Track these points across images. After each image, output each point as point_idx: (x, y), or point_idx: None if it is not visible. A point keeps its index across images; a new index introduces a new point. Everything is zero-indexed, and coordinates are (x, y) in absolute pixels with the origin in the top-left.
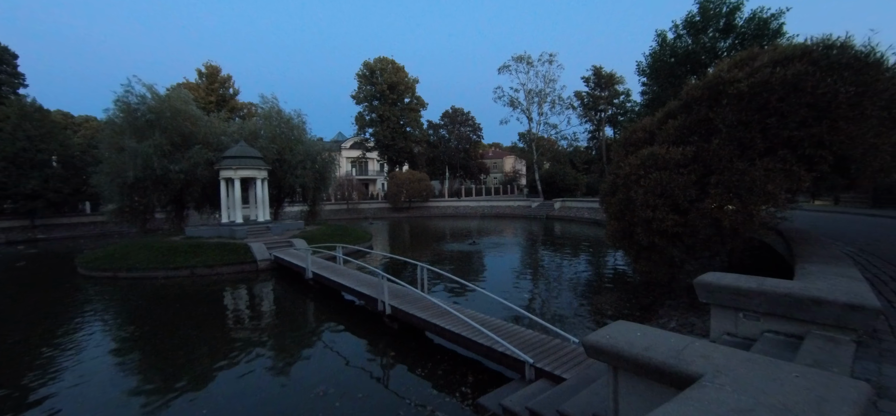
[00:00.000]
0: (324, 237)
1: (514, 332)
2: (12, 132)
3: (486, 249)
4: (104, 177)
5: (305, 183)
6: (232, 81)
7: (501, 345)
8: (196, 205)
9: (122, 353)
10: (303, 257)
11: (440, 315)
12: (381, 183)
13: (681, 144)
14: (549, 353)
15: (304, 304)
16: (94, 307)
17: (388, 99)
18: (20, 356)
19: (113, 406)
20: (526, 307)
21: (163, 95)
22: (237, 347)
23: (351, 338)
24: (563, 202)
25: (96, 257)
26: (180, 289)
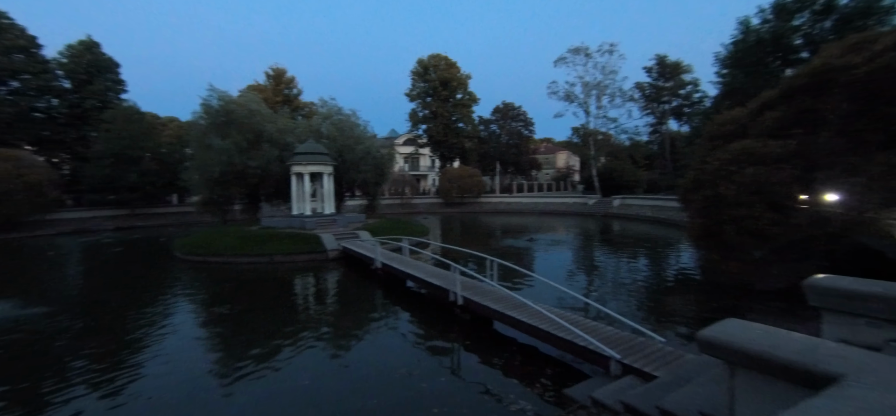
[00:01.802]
0: (385, 230)
1: (594, 327)
2: (118, 133)
3: (544, 246)
4: (193, 172)
5: (366, 178)
6: (296, 82)
7: (583, 339)
8: (268, 198)
9: (214, 328)
10: (370, 247)
11: (515, 308)
12: (433, 179)
13: (780, 138)
14: (636, 350)
15: (374, 292)
16: (191, 287)
17: (441, 95)
18: (127, 326)
19: (200, 377)
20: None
21: (237, 97)
22: (320, 328)
23: (423, 326)
24: (622, 200)
25: (189, 243)
26: (262, 273)
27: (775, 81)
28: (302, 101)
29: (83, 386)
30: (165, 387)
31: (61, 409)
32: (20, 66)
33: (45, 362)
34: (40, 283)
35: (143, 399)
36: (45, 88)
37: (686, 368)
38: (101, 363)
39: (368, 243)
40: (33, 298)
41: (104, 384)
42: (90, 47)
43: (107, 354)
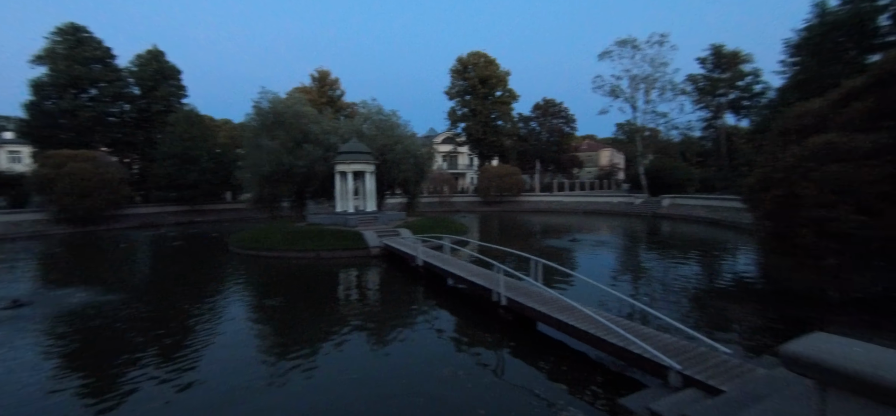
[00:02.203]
0: (425, 228)
1: (649, 334)
2: (179, 135)
3: (587, 246)
4: (246, 171)
5: (407, 177)
6: (339, 83)
7: (638, 346)
8: (313, 195)
9: (267, 318)
10: (410, 245)
11: (563, 310)
12: (471, 177)
13: (869, 131)
14: (698, 361)
15: (415, 289)
16: (245, 279)
17: (480, 93)
18: (190, 313)
19: (254, 365)
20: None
21: (284, 99)
22: (365, 323)
23: (464, 325)
24: (672, 199)
25: (243, 237)
26: (309, 268)
27: (853, 70)
28: (345, 102)
29: (151, 368)
30: (222, 372)
31: (131, 388)
32: (98, 75)
33: (120, 345)
34: (115, 272)
35: (201, 384)
36: (118, 94)
37: (757, 384)
38: (166, 347)
39: (409, 240)
40: (110, 286)
41: (168, 366)
42: (156, 56)
43: (171, 338)
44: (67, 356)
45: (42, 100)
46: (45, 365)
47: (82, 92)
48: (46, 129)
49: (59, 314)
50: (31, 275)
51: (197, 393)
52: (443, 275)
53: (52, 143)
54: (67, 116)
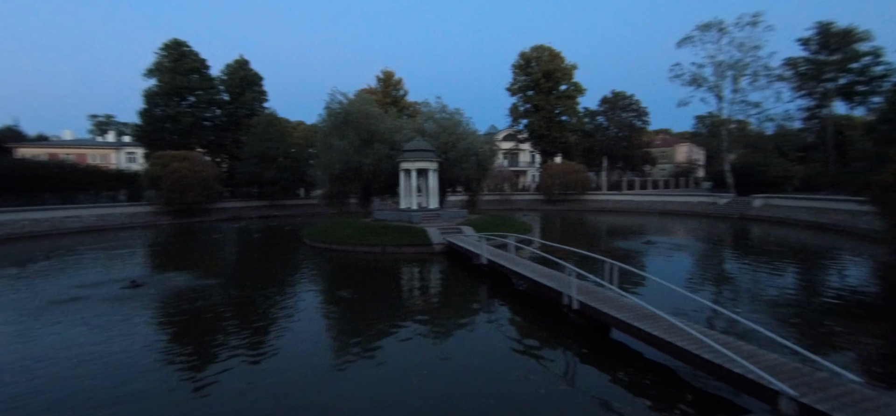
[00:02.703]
0: (488, 226)
1: (752, 352)
2: (261, 136)
3: (663, 250)
4: (318, 169)
5: (469, 174)
6: (403, 83)
7: (740, 365)
8: (379, 192)
9: (338, 309)
10: (474, 243)
11: (645, 319)
12: (532, 174)
13: None
14: (816, 387)
15: (479, 287)
16: (319, 271)
17: (544, 88)
18: (271, 299)
19: (325, 351)
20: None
21: (353, 99)
22: (432, 318)
23: (532, 328)
24: (765, 199)
25: (315, 231)
26: (376, 262)
27: None
28: (407, 101)
29: (238, 348)
30: (298, 356)
31: (220, 367)
32: (195, 84)
33: (214, 325)
34: (210, 260)
35: (278, 366)
36: (211, 100)
37: None
38: (251, 330)
39: (472, 238)
40: (207, 272)
41: (251, 347)
42: (242, 65)
43: (255, 322)
44: (172, 332)
45: (152, 107)
46: (155, 339)
47: (183, 100)
48: (155, 133)
49: (166, 295)
50: (145, 259)
51: (275, 374)
52: (507, 274)
53: (160, 145)
54: (171, 121)
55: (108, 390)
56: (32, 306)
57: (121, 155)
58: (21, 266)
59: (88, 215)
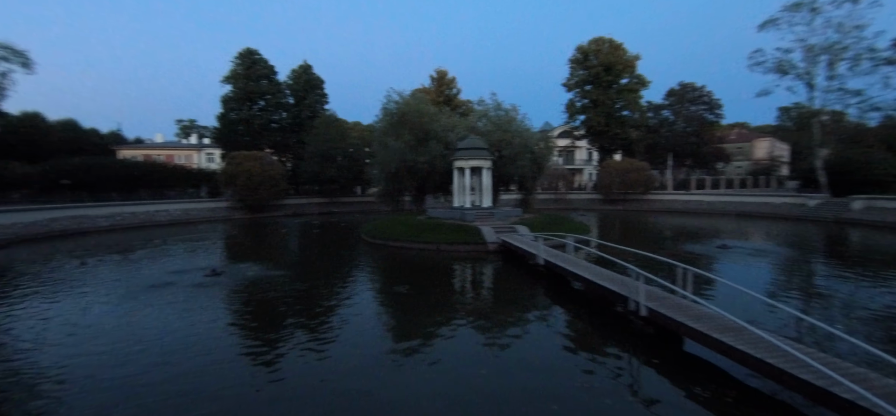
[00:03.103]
0: (543, 226)
1: (861, 375)
2: (322, 137)
3: (742, 256)
4: (375, 168)
5: (523, 172)
6: (455, 82)
7: (847, 389)
8: (433, 190)
9: (395, 304)
10: (530, 242)
11: (727, 330)
12: (589, 173)
13: None
14: None
15: (536, 288)
16: (376, 266)
17: (603, 81)
18: (332, 291)
19: (381, 342)
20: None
21: (409, 99)
22: (486, 316)
23: (592, 333)
24: (868, 201)
25: (372, 228)
26: (430, 259)
27: None
28: (461, 99)
29: (301, 337)
30: (357, 347)
31: (284, 352)
32: (265, 89)
33: (281, 314)
34: (277, 252)
35: (336, 361)
36: (278, 104)
37: None
38: (314, 320)
39: (527, 237)
40: (275, 264)
41: (314, 338)
42: (306, 69)
43: (318, 313)
44: (245, 318)
45: (228, 112)
46: (230, 324)
47: (254, 104)
48: (230, 135)
49: (241, 284)
50: (222, 250)
51: (336, 365)
52: (566, 276)
53: (234, 146)
54: (244, 124)
55: (188, 366)
56: (133, 288)
57: (202, 156)
58: (123, 254)
59: (175, 209)
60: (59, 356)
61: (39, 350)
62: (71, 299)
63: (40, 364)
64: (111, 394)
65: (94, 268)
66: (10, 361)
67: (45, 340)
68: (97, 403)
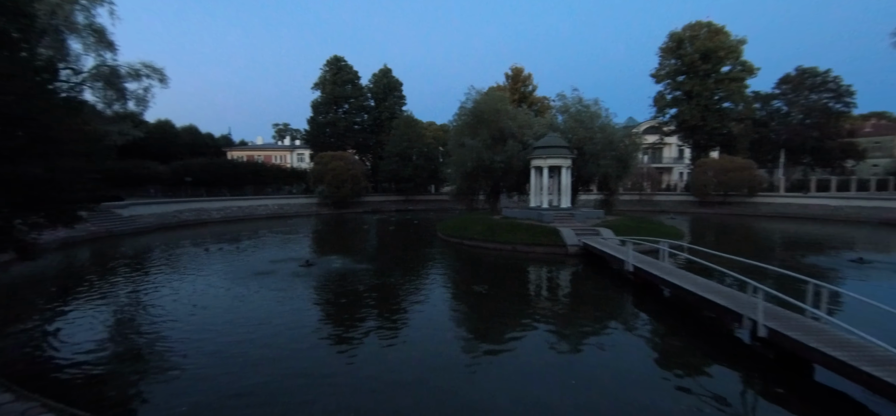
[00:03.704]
0: (629, 229)
1: None
2: (399, 137)
3: (889, 273)
4: (452, 167)
5: (606, 172)
6: (531, 79)
7: None
8: (508, 190)
9: (473, 303)
10: (616, 246)
11: (876, 363)
12: (679, 172)
13: None
14: None
15: (624, 297)
16: (453, 264)
17: (699, 71)
18: (410, 285)
19: (456, 341)
20: None
21: (486, 98)
22: (571, 323)
23: (696, 351)
24: None
25: (448, 226)
26: (507, 260)
27: None
28: (536, 96)
29: (385, 326)
30: (435, 345)
31: (363, 341)
32: (349, 93)
33: (365, 306)
34: (360, 247)
35: (416, 354)
36: (360, 107)
37: None
38: (394, 315)
39: (612, 241)
40: (359, 258)
41: (394, 332)
42: (386, 73)
43: (398, 308)
44: (334, 308)
45: (317, 115)
46: (322, 313)
47: (339, 107)
48: (319, 137)
49: (329, 275)
50: (313, 243)
51: (418, 357)
52: (658, 285)
53: (322, 147)
54: (330, 127)
55: (282, 347)
56: (243, 275)
57: (294, 156)
58: (234, 243)
59: (272, 204)
60: (184, 330)
61: (170, 324)
62: (196, 280)
63: (170, 335)
64: (220, 362)
65: (214, 255)
66: (147, 330)
67: (174, 314)
68: (207, 370)
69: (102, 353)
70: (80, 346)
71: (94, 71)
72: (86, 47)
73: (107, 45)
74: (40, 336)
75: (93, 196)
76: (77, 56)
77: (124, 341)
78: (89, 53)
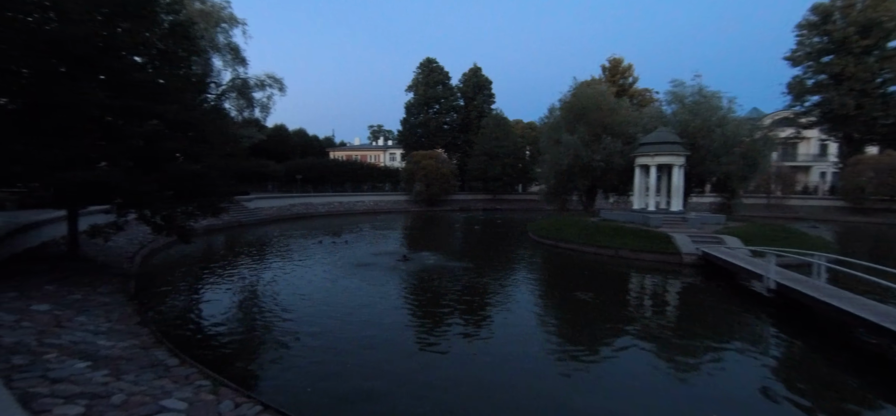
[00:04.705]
0: (763, 238)
1: None
2: (488, 136)
3: None
4: (544, 166)
5: (729, 171)
6: (632, 70)
7: None
8: (606, 190)
9: (576, 312)
10: (748, 258)
11: None
12: (821, 172)
13: None
14: None
15: (760, 320)
16: (551, 268)
17: (855, 48)
18: (507, 288)
19: (554, 353)
20: None
21: (586, 92)
22: (696, 344)
23: (869, 391)
24: None
25: (540, 227)
26: (610, 266)
27: None
28: (637, 89)
29: (461, 324)
30: (529, 344)
31: (450, 341)
32: (440, 94)
33: (460, 303)
34: (452, 244)
35: (512, 365)
36: (450, 107)
37: None
38: (488, 317)
39: (740, 251)
40: (452, 254)
41: (489, 334)
42: (476, 72)
43: (492, 309)
44: (430, 303)
45: (409, 116)
46: (418, 308)
47: (430, 108)
48: (411, 137)
49: (424, 270)
50: (407, 239)
51: (512, 368)
52: (814, 309)
53: (414, 146)
54: (422, 127)
55: (383, 335)
56: (348, 265)
57: (386, 155)
58: (337, 235)
59: (368, 200)
60: (301, 312)
61: (290, 304)
62: (313, 267)
63: (288, 315)
64: (326, 344)
65: (328, 246)
66: (269, 309)
67: (292, 296)
68: (313, 352)
69: (235, 326)
70: (215, 318)
71: (230, 83)
72: (224, 64)
73: (240, 61)
74: (187, 307)
75: (234, 190)
76: (218, 71)
77: (250, 317)
78: (227, 69)
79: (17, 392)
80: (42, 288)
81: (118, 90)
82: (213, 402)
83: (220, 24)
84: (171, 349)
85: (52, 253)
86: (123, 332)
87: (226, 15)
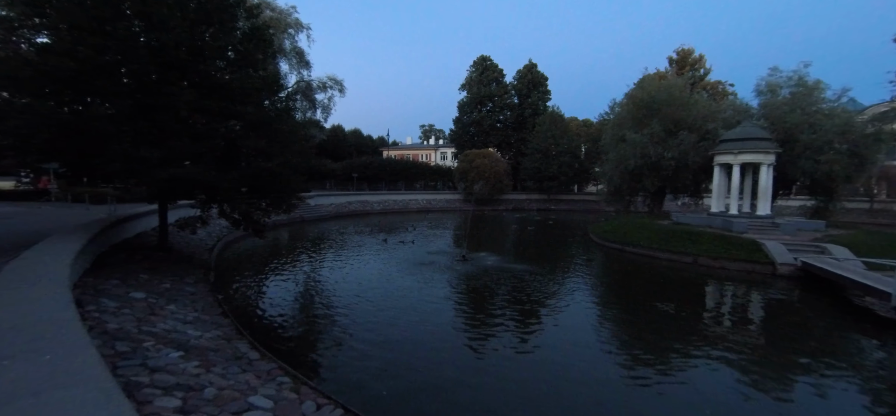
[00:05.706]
0: (878, 249)
1: None
2: (544, 134)
3: None
4: (608, 164)
5: (832, 171)
6: (703, 61)
7: None
8: (676, 191)
9: (659, 324)
10: (866, 272)
11: None
12: None
13: None
14: None
15: (885, 341)
16: (623, 275)
17: None
18: (575, 294)
19: (637, 368)
20: None
21: (657, 84)
22: (813, 373)
23: None
24: None
25: (604, 229)
26: (689, 275)
27: None
28: (709, 81)
29: (562, 333)
30: (604, 354)
31: (496, 343)
32: (493, 92)
33: (519, 306)
34: (510, 244)
35: (546, 362)
36: (504, 105)
37: None
38: (557, 325)
39: (851, 263)
40: (510, 256)
41: (563, 341)
42: (530, 68)
43: (561, 316)
44: (493, 305)
45: (462, 115)
46: (480, 308)
47: (483, 106)
48: (463, 136)
49: (483, 272)
50: (463, 238)
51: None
52: None
53: (466, 145)
54: (475, 126)
55: (425, 331)
56: (409, 264)
57: (437, 155)
58: (396, 233)
59: (421, 198)
60: (361, 308)
61: (351, 300)
62: (374, 263)
63: (348, 311)
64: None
65: (392, 246)
66: (334, 303)
67: (351, 293)
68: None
69: (301, 319)
70: (280, 308)
71: (295, 86)
72: (290, 67)
73: (305, 64)
74: (257, 299)
75: (302, 187)
76: (285, 74)
77: (317, 312)
78: (293, 72)
79: (121, 380)
80: (138, 276)
81: (204, 92)
82: (296, 401)
83: (287, 30)
84: (251, 342)
85: (146, 244)
86: (208, 322)
87: (292, 20)
